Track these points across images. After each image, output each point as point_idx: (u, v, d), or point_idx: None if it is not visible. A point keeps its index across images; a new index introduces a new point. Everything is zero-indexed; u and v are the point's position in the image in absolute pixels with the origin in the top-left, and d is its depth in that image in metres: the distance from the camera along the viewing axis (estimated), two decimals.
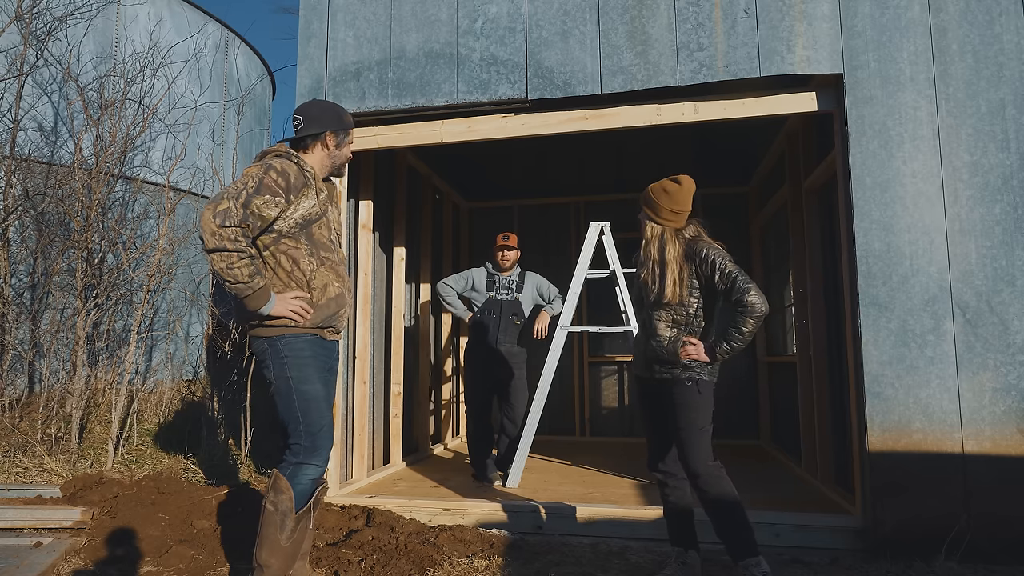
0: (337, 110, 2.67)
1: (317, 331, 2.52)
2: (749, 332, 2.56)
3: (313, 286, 2.49)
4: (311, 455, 2.43)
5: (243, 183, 2.37)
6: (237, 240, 2.29)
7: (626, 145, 5.95)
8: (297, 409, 2.43)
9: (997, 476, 3.03)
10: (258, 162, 2.50)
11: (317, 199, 2.53)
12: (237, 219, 2.29)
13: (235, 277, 2.30)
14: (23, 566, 2.99)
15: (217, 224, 2.27)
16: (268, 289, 2.37)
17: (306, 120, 2.60)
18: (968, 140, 3.23)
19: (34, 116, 7.14)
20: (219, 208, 2.29)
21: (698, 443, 2.62)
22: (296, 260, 2.47)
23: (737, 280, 2.56)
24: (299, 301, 2.42)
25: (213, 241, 2.28)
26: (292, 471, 2.41)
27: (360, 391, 4.51)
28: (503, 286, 4.77)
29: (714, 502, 2.60)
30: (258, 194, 2.35)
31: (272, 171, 2.41)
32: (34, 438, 5.14)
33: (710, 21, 3.56)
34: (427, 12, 3.96)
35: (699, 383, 2.67)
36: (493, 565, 2.97)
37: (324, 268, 2.52)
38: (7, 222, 6.12)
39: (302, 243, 2.49)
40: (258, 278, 2.34)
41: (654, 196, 2.75)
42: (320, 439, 2.45)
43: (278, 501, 2.38)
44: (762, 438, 6.32)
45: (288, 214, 2.44)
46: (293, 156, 2.53)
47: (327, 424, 2.49)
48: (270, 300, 2.38)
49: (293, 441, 2.44)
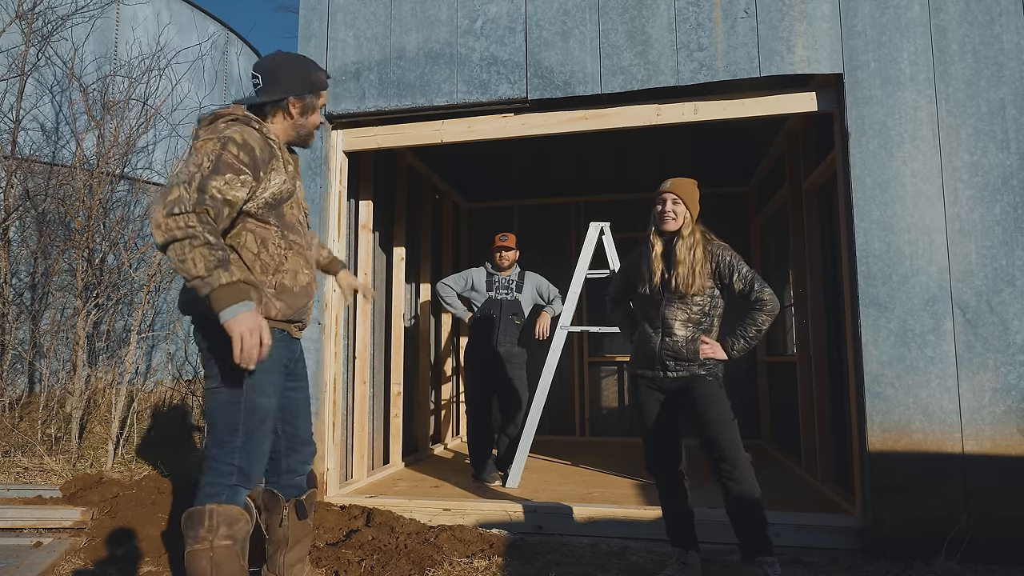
0: (304, 66, 2.19)
1: (285, 326, 2.14)
2: (765, 328, 2.71)
3: (283, 270, 2.10)
4: (245, 479, 2.02)
5: (196, 163, 1.93)
6: (189, 227, 1.82)
7: (626, 145, 5.95)
8: (240, 423, 2.00)
9: (997, 476, 3.03)
10: (209, 132, 2.03)
11: (286, 173, 2.13)
12: (190, 204, 1.84)
13: (188, 271, 1.82)
14: (23, 566, 2.99)
15: (164, 214, 1.83)
16: (239, 290, 1.85)
17: (266, 79, 2.15)
18: (968, 140, 3.23)
19: (35, 116, 7.15)
20: (168, 198, 1.86)
21: (732, 434, 2.64)
22: (264, 241, 2.07)
23: (755, 281, 2.70)
24: (263, 341, 1.87)
25: (161, 234, 1.83)
26: (229, 495, 1.99)
27: (360, 391, 4.52)
28: (503, 286, 4.76)
29: (742, 495, 2.60)
30: (216, 174, 1.91)
31: (231, 144, 1.95)
32: (34, 438, 5.14)
33: (710, 21, 3.56)
34: (427, 12, 3.97)
35: (717, 377, 2.76)
36: (493, 565, 2.97)
37: (292, 253, 2.14)
38: (8, 222, 6.13)
39: (271, 224, 2.09)
40: (220, 272, 1.82)
41: (696, 192, 2.80)
42: (256, 465, 2.05)
43: (235, 531, 1.96)
44: (762, 438, 6.32)
45: (257, 194, 2.04)
46: (253, 122, 2.09)
47: (267, 451, 2.11)
48: (239, 305, 1.83)
49: (224, 460, 2.00)
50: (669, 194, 2.77)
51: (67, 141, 7.32)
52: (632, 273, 2.95)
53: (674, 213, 2.76)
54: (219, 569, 1.93)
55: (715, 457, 2.65)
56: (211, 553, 1.93)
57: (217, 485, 2.00)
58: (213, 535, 1.94)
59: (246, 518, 2.01)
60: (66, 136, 7.36)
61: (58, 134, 7.39)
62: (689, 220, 2.76)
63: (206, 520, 1.95)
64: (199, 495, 2.01)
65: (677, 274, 2.71)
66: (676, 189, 2.77)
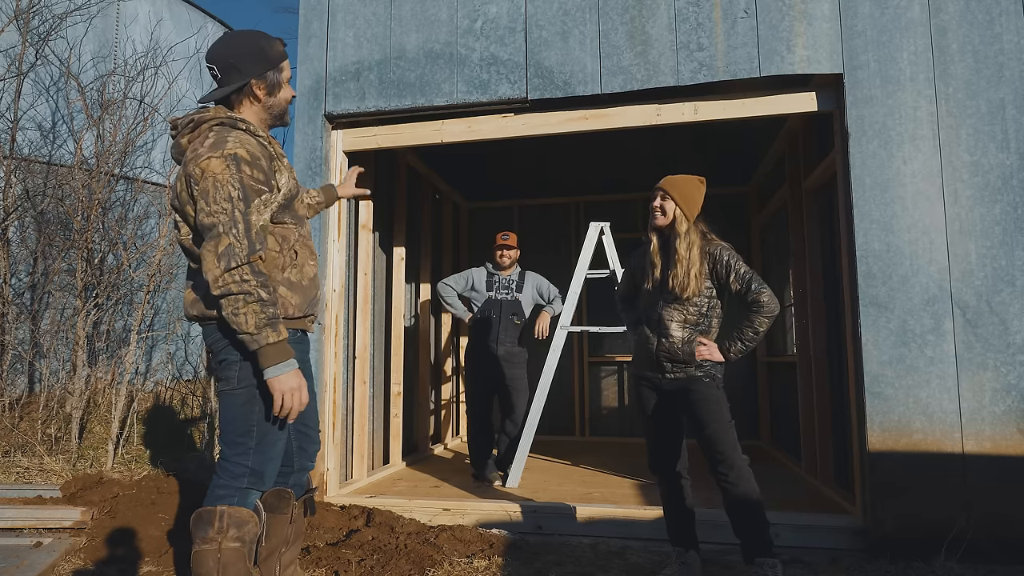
0: (257, 42, 2.05)
1: (300, 323, 2.11)
2: (763, 331, 2.66)
3: (295, 264, 2.08)
4: (258, 481, 2.00)
5: (225, 198, 1.85)
6: (244, 280, 1.82)
7: (626, 145, 5.94)
8: (255, 427, 1.98)
9: (997, 476, 3.03)
10: (207, 145, 1.93)
11: (285, 168, 2.10)
12: (244, 255, 1.83)
13: (239, 326, 1.83)
14: (23, 566, 2.99)
15: (222, 268, 1.82)
16: (284, 349, 1.87)
17: (222, 68, 2.03)
18: (968, 140, 3.23)
19: (33, 116, 7.14)
20: (220, 249, 1.83)
21: (729, 436, 2.62)
22: (285, 238, 2.06)
23: (752, 282, 2.65)
24: (302, 399, 1.91)
25: (217, 288, 1.83)
26: (240, 498, 1.98)
27: (360, 391, 4.51)
28: (503, 286, 4.76)
29: (741, 497, 2.59)
30: (250, 207, 1.88)
31: (244, 165, 1.90)
32: (34, 438, 5.14)
33: (710, 21, 3.56)
34: (427, 12, 3.96)
35: (715, 379, 2.72)
36: (493, 565, 2.97)
37: (300, 245, 2.12)
38: (7, 222, 6.12)
39: (288, 222, 2.08)
40: (268, 331, 1.84)
41: (693, 190, 2.76)
42: (269, 467, 2.02)
43: (244, 533, 1.94)
44: (762, 438, 6.32)
45: (272, 200, 2.01)
46: (240, 123, 2.00)
47: (281, 451, 2.08)
48: (284, 364, 1.87)
49: (237, 461, 1.98)
50: (659, 190, 2.78)
51: (65, 140, 7.32)
52: (636, 272, 2.96)
53: (662, 210, 2.76)
54: (225, 570, 1.90)
55: (712, 459, 2.64)
56: (219, 554, 1.91)
57: (229, 487, 1.97)
58: (222, 536, 1.92)
59: (255, 520, 1.99)
60: (63, 135, 7.36)
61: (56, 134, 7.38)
62: (682, 217, 2.74)
63: (216, 521, 1.93)
64: (210, 496, 1.99)
65: (674, 275, 2.70)
66: (666, 185, 2.77)
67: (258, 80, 2.04)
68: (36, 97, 7.20)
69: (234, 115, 2.03)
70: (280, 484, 2.26)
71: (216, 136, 1.95)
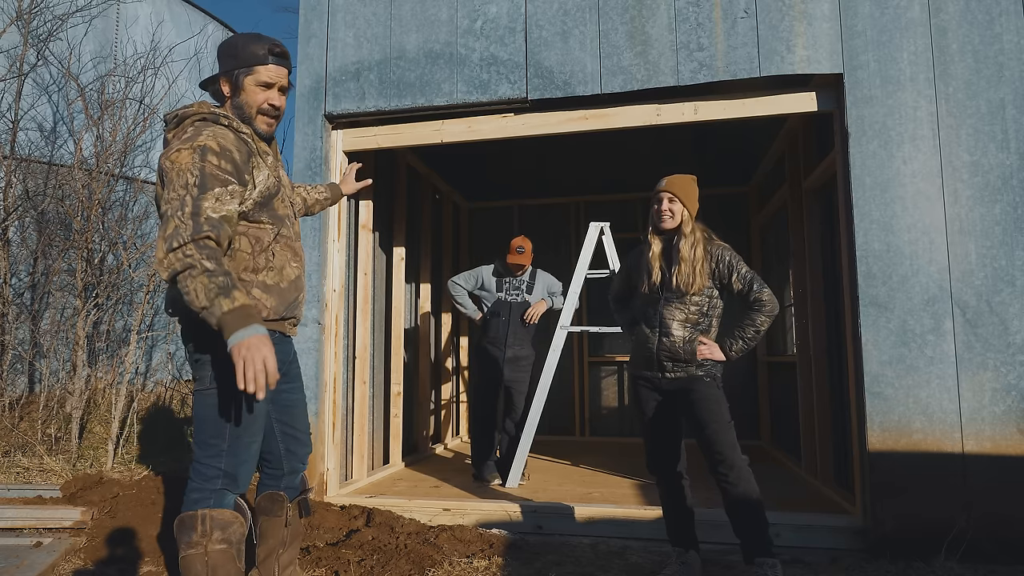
0: (240, 41, 2.04)
1: (278, 325, 2.07)
2: (764, 330, 2.69)
3: (272, 266, 2.03)
4: (231, 484, 1.96)
5: (182, 185, 1.82)
6: (187, 256, 1.75)
7: (626, 145, 5.94)
8: (228, 426, 1.93)
9: (997, 476, 3.03)
10: (181, 139, 1.92)
11: (267, 166, 2.06)
12: (187, 235, 1.76)
13: (193, 303, 1.75)
14: (23, 566, 2.99)
15: (165, 250, 1.76)
16: (244, 314, 1.75)
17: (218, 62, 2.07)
18: (968, 140, 3.23)
19: (34, 116, 7.15)
20: (166, 232, 1.78)
21: (729, 436, 2.62)
22: (259, 239, 2.02)
23: (754, 282, 2.69)
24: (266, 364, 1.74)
25: (164, 271, 1.77)
26: (216, 499, 1.94)
27: (360, 391, 4.51)
28: (513, 287, 4.73)
29: (741, 497, 2.59)
30: (205, 192, 1.82)
31: (210, 154, 1.86)
32: (34, 438, 5.14)
33: (710, 21, 3.56)
34: (427, 12, 3.97)
35: (715, 378, 2.73)
36: (493, 565, 2.97)
37: (280, 246, 2.07)
38: (7, 222, 6.13)
39: (265, 222, 2.03)
40: (220, 299, 1.73)
41: (694, 189, 2.78)
42: (243, 469, 1.97)
43: (229, 535, 1.92)
44: (762, 438, 6.32)
45: (246, 196, 1.96)
46: (222, 119, 1.99)
47: (255, 454, 2.03)
48: (245, 329, 1.73)
49: (210, 463, 1.94)
50: (665, 193, 2.77)
51: (65, 140, 7.32)
52: (633, 273, 2.95)
53: (671, 212, 2.76)
54: (215, 573, 1.88)
55: (712, 460, 2.64)
56: (206, 557, 1.88)
57: (203, 490, 1.94)
58: (207, 540, 1.89)
59: (240, 520, 1.96)
60: (64, 136, 7.36)
61: (56, 134, 7.39)
62: (688, 218, 2.75)
63: (199, 525, 1.90)
64: (186, 500, 1.96)
65: (679, 272, 2.70)
66: (672, 187, 2.76)
67: (224, 78, 2.05)
68: (36, 97, 7.21)
69: (217, 110, 2.03)
70: (272, 487, 2.26)
71: (194, 131, 1.95)
